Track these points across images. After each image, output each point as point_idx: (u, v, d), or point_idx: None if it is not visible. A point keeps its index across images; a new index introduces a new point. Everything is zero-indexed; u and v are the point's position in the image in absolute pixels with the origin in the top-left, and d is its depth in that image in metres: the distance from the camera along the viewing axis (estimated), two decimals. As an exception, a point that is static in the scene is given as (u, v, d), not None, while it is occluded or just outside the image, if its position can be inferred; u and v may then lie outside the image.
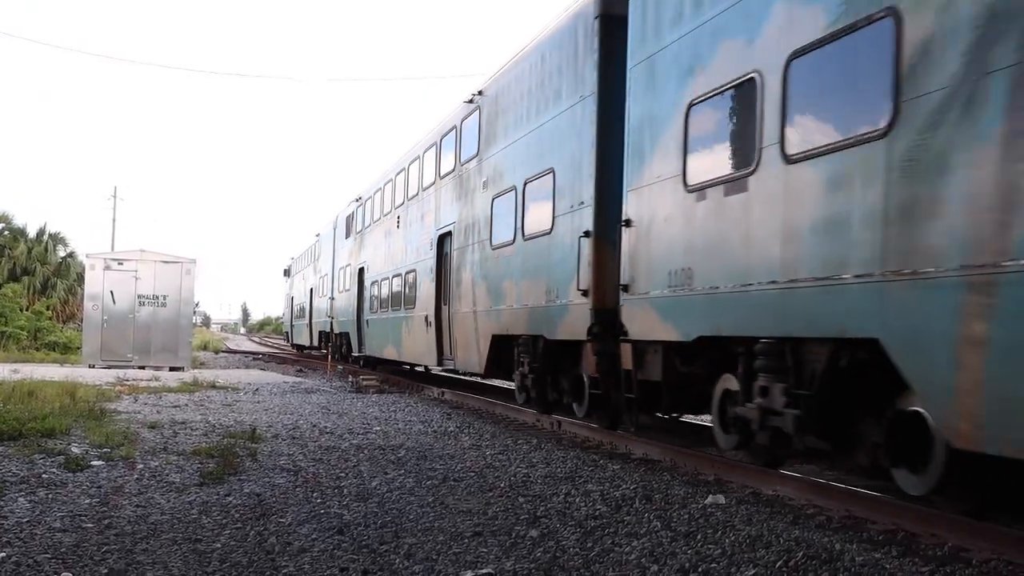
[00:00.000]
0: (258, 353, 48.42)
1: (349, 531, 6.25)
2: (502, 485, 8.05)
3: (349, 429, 12.15)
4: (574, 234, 11.21)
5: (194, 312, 32.35)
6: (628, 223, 9.77)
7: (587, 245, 10.89)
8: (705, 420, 11.34)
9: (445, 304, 17.26)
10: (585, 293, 10.88)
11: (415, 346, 19.43)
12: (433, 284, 17.94)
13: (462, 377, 21.38)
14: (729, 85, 8.07)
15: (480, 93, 15.52)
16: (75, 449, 9.40)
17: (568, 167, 11.56)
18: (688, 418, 12.39)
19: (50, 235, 49.47)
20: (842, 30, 6.65)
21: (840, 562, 5.49)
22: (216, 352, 48.75)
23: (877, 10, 6.32)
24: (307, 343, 41.07)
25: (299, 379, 24.35)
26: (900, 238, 6.01)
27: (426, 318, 18.26)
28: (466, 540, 6.05)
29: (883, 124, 6.16)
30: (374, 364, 26.72)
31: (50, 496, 7.18)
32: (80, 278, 41.37)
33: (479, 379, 19.43)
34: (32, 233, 49.14)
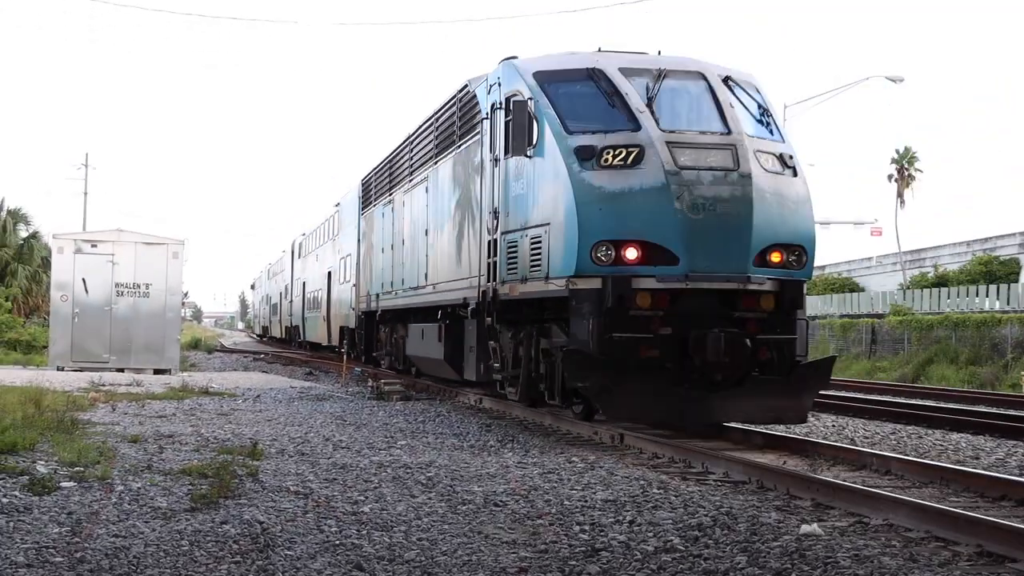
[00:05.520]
0: (259, 352, 48.84)
1: (370, 566, 6.29)
2: (553, 511, 8.05)
3: (369, 443, 12.22)
4: None
5: (183, 304, 32.69)
6: None
7: None
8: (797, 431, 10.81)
9: None
10: None
11: None
12: None
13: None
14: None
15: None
16: (41, 468, 9.54)
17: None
18: (781, 430, 12.30)
19: (9, 211, 49.95)
20: None
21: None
22: (209, 351, 49.27)
23: None
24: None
25: (308, 383, 24.54)
26: None
27: None
28: (510, 578, 6.05)
29: None
30: None
31: (11, 524, 7.27)
32: (46, 263, 41.89)
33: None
34: (-12, 210, 49.59)
